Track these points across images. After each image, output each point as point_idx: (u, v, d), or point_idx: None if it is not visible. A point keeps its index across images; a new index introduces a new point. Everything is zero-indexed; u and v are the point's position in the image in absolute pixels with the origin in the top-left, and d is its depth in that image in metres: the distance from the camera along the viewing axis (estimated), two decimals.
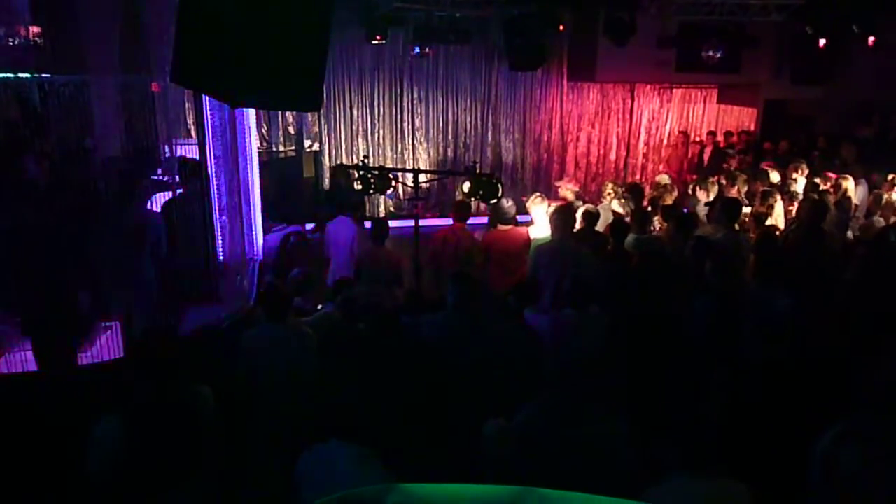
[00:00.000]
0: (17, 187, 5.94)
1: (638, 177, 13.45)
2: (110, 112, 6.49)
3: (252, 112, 6.10)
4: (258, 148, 7.28)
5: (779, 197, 7.11)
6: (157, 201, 5.94)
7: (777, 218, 6.88)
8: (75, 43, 6.10)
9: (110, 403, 3.03)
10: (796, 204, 7.16)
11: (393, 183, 6.25)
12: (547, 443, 2.77)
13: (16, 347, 4.51)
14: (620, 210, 6.60)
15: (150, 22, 5.61)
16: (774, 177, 8.19)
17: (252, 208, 5.80)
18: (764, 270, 4.96)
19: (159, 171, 6.18)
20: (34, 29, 5.26)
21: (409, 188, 6.56)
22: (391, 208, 12.36)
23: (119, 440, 2.85)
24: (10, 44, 4.95)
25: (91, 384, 4.27)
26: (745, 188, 7.64)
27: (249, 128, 5.74)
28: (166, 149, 6.02)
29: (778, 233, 6.55)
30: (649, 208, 6.95)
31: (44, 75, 5.95)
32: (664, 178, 8.53)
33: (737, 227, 6.07)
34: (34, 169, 6.25)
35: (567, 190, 7.45)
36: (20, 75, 5.65)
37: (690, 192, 8.06)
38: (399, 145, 12.37)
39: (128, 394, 3.06)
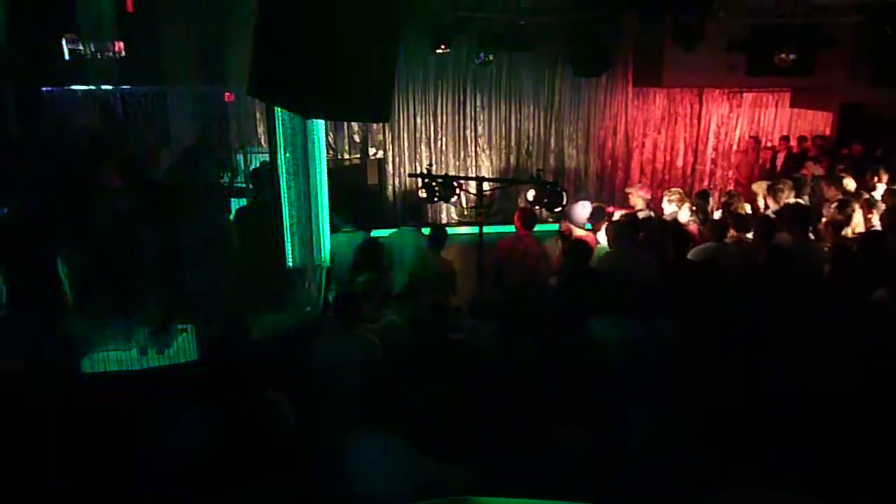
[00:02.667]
0: (96, 194, 6.24)
1: (706, 183, 13.14)
2: (186, 121, 6.76)
3: (321, 121, 6.24)
4: (325, 155, 7.48)
5: (857, 205, 6.84)
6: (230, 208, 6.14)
7: (857, 227, 6.62)
8: (155, 56, 6.39)
9: (186, 403, 3.15)
10: (875, 212, 6.88)
11: (457, 191, 6.29)
12: None
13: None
14: (687, 218, 6.46)
15: (226, 35, 5.82)
16: (850, 184, 7.87)
17: (320, 215, 5.94)
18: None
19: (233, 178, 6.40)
20: (119, 44, 5.53)
21: (472, 196, 6.59)
22: (454, 215, 12.43)
23: (196, 439, 2.96)
24: (98, 58, 5.23)
25: (167, 385, 4.47)
26: (806, 193, 7.38)
27: (320, 137, 5.89)
28: (239, 157, 6.23)
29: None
30: (717, 216, 6.78)
31: (125, 87, 6.25)
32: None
33: (811, 235, 5.88)
34: (113, 176, 6.57)
35: (637, 197, 7.33)
36: (104, 87, 5.95)
37: (761, 199, 7.81)
38: (462, 152, 12.43)
39: (203, 395, 3.17)
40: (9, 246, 5.22)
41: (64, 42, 6.48)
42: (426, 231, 6.36)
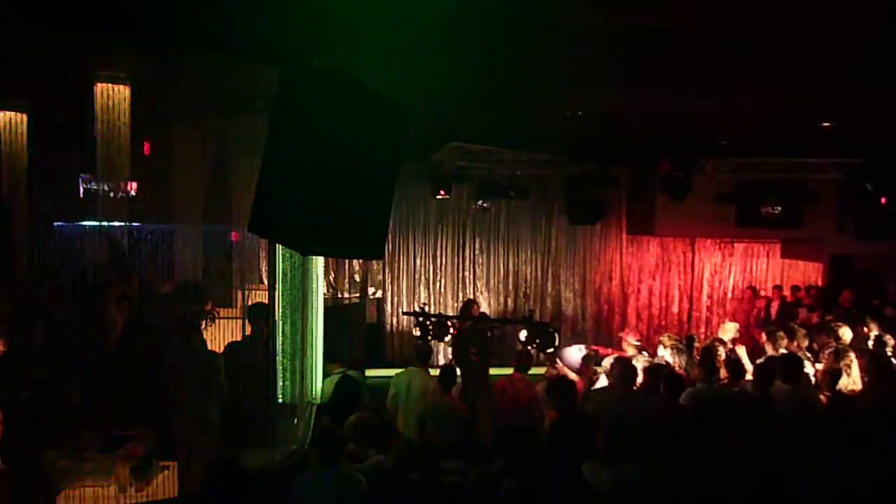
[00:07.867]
0: (97, 327, 6.30)
1: (703, 330, 13.17)
2: (191, 258, 6.95)
3: (321, 260, 6.43)
4: (324, 294, 7.61)
5: (853, 355, 6.83)
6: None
7: (856, 378, 6.58)
8: (166, 196, 6.69)
9: None
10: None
11: (451, 331, 6.34)
12: None
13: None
14: (670, 360, 6.47)
15: (234, 179, 6.13)
16: (846, 333, 7.89)
17: (315, 353, 5.97)
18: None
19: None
20: (133, 184, 5.82)
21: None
22: (451, 356, 12.36)
23: None
24: (112, 197, 5.48)
25: None
26: (805, 343, 7.40)
27: (317, 275, 6.05)
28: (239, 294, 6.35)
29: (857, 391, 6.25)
30: (699, 358, 6.76)
31: (134, 224, 6.48)
32: (730, 328, 8.18)
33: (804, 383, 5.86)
34: (114, 310, 6.66)
35: (628, 344, 7.37)
36: (114, 223, 6.18)
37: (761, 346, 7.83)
38: (460, 294, 12.59)
39: None
40: (7, 378, 5.20)
41: (80, 180, 6.81)
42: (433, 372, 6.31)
